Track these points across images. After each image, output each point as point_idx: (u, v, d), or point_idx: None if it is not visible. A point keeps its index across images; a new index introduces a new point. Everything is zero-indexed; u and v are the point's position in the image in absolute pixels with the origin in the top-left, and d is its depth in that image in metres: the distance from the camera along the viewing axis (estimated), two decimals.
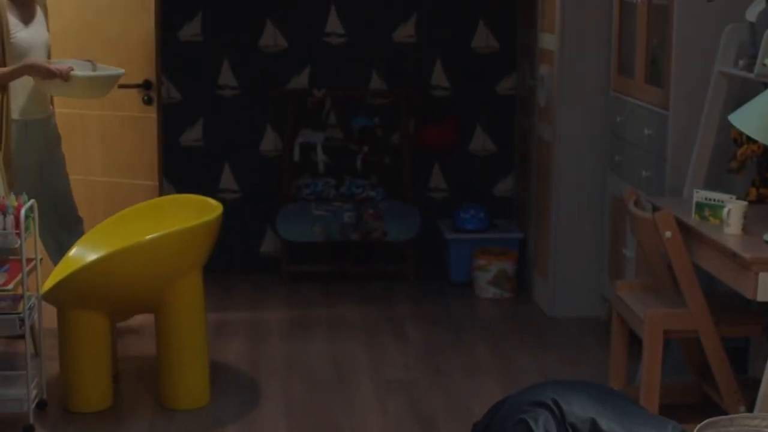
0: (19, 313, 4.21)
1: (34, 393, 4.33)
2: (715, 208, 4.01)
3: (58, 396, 4.55)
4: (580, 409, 3.35)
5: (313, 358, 5.18)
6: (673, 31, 4.61)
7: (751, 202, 4.18)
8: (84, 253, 4.68)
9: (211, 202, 4.77)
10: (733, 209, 3.90)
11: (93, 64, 5.18)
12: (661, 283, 4.35)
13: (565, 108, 5.63)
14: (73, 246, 4.78)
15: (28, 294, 4.25)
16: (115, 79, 5.16)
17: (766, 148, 4.31)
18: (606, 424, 3.33)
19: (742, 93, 4.43)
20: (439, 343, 5.40)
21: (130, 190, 5.62)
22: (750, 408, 3.96)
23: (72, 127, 5.71)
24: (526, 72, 6.34)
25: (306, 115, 6.55)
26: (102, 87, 5.12)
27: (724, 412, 4.10)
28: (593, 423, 3.33)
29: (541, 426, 3.33)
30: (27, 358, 4.27)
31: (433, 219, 6.64)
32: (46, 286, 4.43)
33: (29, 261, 4.37)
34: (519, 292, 6.21)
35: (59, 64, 4.98)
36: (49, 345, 4.78)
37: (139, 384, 4.82)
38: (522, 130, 6.49)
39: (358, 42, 6.58)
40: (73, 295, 4.38)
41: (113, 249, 4.38)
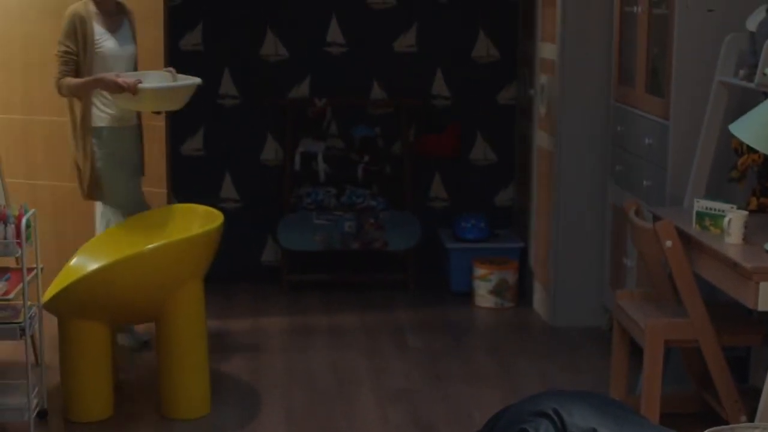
0: (19, 322, 4.21)
1: (35, 402, 4.33)
2: (716, 218, 4.01)
3: (58, 405, 4.55)
4: (581, 419, 3.35)
5: (313, 367, 5.18)
6: (673, 40, 4.62)
7: (751, 212, 4.18)
8: (85, 263, 4.68)
9: (212, 211, 4.77)
10: (734, 219, 3.90)
11: (173, 74, 5.02)
12: (661, 292, 4.35)
13: (565, 117, 5.64)
14: (74, 256, 4.77)
15: (28, 303, 4.25)
16: (188, 89, 4.92)
17: (766, 158, 4.31)
18: None
19: (743, 102, 4.43)
20: (439, 352, 5.40)
21: None
22: (751, 418, 3.96)
23: None
24: (526, 81, 6.34)
25: (307, 124, 6.56)
26: (174, 98, 4.92)
27: (725, 422, 4.10)
28: None
29: None
30: (27, 368, 4.26)
31: (433, 228, 6.64)
32: (47, 295, 4.43)
33: (30, 270, 4.37)
34: (520, 302, 6.21)
35: (128, 76, 4.84)
36: (50, 354, 4.77)
37: (140, 393, 4.81)
38: (522, 140, 6.49)
39: (359, 51, 6.59)
40: (74, 304, 4.37)
41: (114, 259, 4.38)
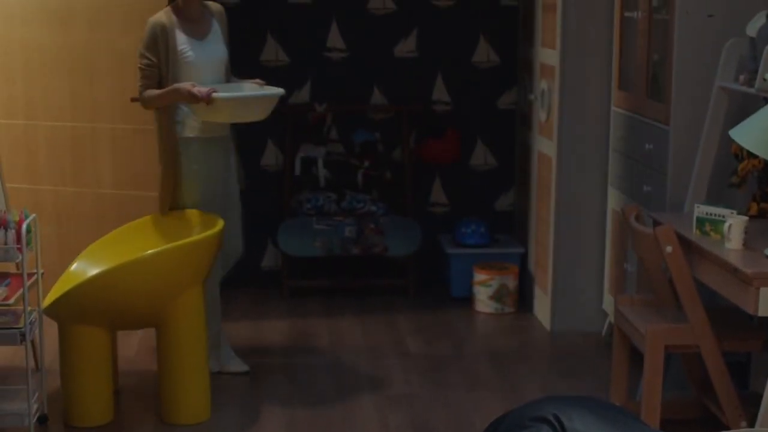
0: (20, 327, 4.21)
1: (35, 407, 4.33)
2: (716, 223, 4.01)
3: (58, 410, 4.54)
4: (581, 425, 3.34)
5: (313, 373, 5.18)
6: (673, 46, 4.62)
7: (752, 217, 4.19)
8: (85, 268, 4.68)
9: (212, 216, 4.77)
10: (734, 224, 3.90)
11: (261, 85, 4.90)
12: (662, 298, 4.35)
13: (565, 123, 5.64)
14: (74, 261, 4.76)
15: (29, 308, 4.25)
16: (267, 100, 4.76)
17: (767, 163, 4.31)
18: None
19: (743, 108, 4.43)
20: (439, 358, 5.40)
21: (141, 202, 5.62)
22: (751, 423, 3.96)
23: (82, 139, 5.73)
24: (526, 87, 6.34)
25: (307, 129, 6.56)
26: (252, 109, 4.74)
27: (726, 428, 4.09)
28: None
29: None
30: (28, 373, 4.27)
31: (433, 234, 6.64)
32: (47, 300, 4.43)
33: (30, 275, 4.38)
34: (520, 307, 6.20)
35: (219, 86, 4.72)
36: (50, 359, 4.78)
37: (140, 399, 4.81)
38: (523, 145, 6.50)
39: (360, 57, 6.59)
40: (74, 309, 4.37)
41: (114, 264, 4.39)
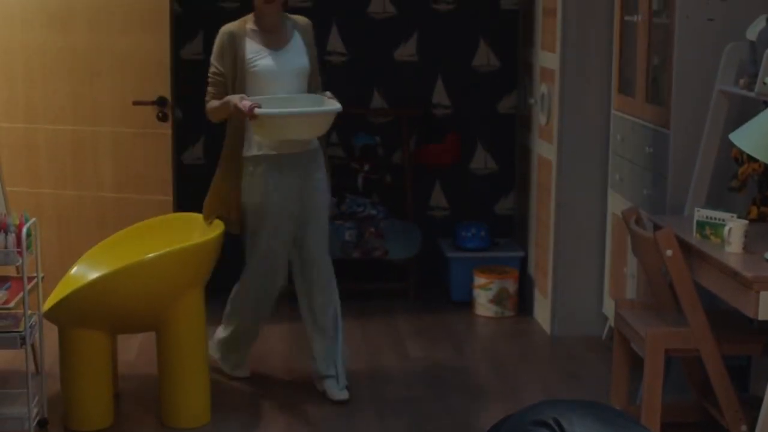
0: (20, 331, 4.21)
1: (35, 411, 4.33)
2: (716, 227, 4.01)
3: (59, 414, 4.54)
4: (581, 429, 3.33)
5: (314, 377, 5.17)
6: (673, 49, 4.62)
7: (752, 221, 4.19)
8: (85, 272, 4.68)
9: (213, 220, 4.77)
10: (734, 228, 3.91)
11: (326, 98, 4.63)
12: (662, 301, 4.35)
13: (565, 126, 5.64)
14: (75, 265, 4.76)
15: (29, 312, 4.25)
16: (319, 116, 4.50)
17: (766, 167, 4.32)
18: None
19: (743, 112, 4.43)
20: (439, 362, 5.39)
21: (142, 205, 5.64)
22: (751, 427, 3.96)
23: (82, 142, 5.73)
24: (526, 90, 6.35)
25: None
26: (304, 126, 4.49)
27: (726, 431, 4.10)
28: None
29: None
30: (28, 377, 4.26)
31: (434, 237, 6.64)
32: (48, 304, 4.43)
33: (30, 279, 4.37)
34: (520, 311, 6.20)
35: (250, 99, 4.49)
36: (50, 363, 4.77)
37: (140, 402, 4.80)
38: (523, 149, 6.50)
39: (360, 61, 6.59)
40: (75, 313, 4.37)
41: (115, 267, 4.38)
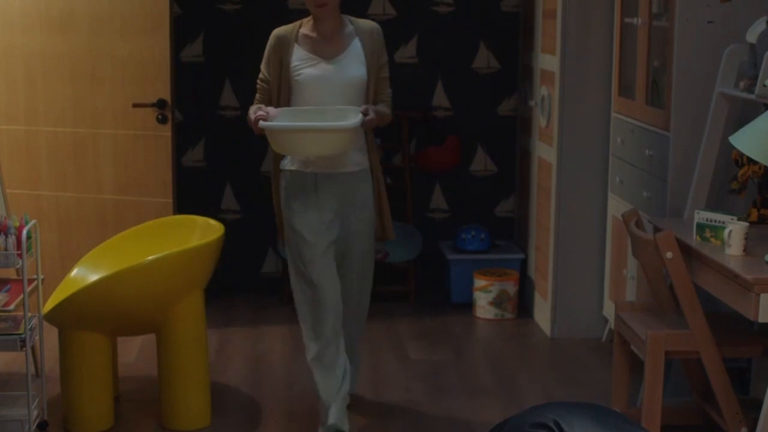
0: (20, 333, 4.21)
1: (35, 414, 4.33)
2: (717, 229, 4.01)
3: (59, 417, 4.54)
4: (582, 431, 3.34)
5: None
6: (673, 52, 4.62)
7: (752, 223, 4.19)
8: (85, 274, 4.68)
9: (212, 222, 4.77)
10: (735, 230, 3.90)
11: (356, 113, 4.21)
12: (662, 304, 4.35)
13: (566, 129, 5.64)
14: (75, 267, 4.76)
15: (29, 314, 4.25)
16: (331, 132, 4.12)
17: (767, 169, 4.32)
18: None
19: (743, 114, 4.43)
20: (440, 364, 5.39)
21: (142, 208, 5.65)
22: (752, 429, 3.95)
23: (83, 145, 5.74)
24: (527, 93, 6.35)
25: None
26: (315, 141, 4.14)
27: None
28: None
29: None
30: (28, 379, 4.26)
31: (434, 240, 6.64)
32: (48, 306, 4.43)
33: (31, 281, 4.37)
34: (520, 313, 6.20)
35: (264, 110, 4.28)
36: (51, 365, 4.77)
37: (140, 404, 4.80)
38: (523, 151, 6.50)
39: None
40: (75, 315, 4.37)
41: (114, 270, 4.38)
